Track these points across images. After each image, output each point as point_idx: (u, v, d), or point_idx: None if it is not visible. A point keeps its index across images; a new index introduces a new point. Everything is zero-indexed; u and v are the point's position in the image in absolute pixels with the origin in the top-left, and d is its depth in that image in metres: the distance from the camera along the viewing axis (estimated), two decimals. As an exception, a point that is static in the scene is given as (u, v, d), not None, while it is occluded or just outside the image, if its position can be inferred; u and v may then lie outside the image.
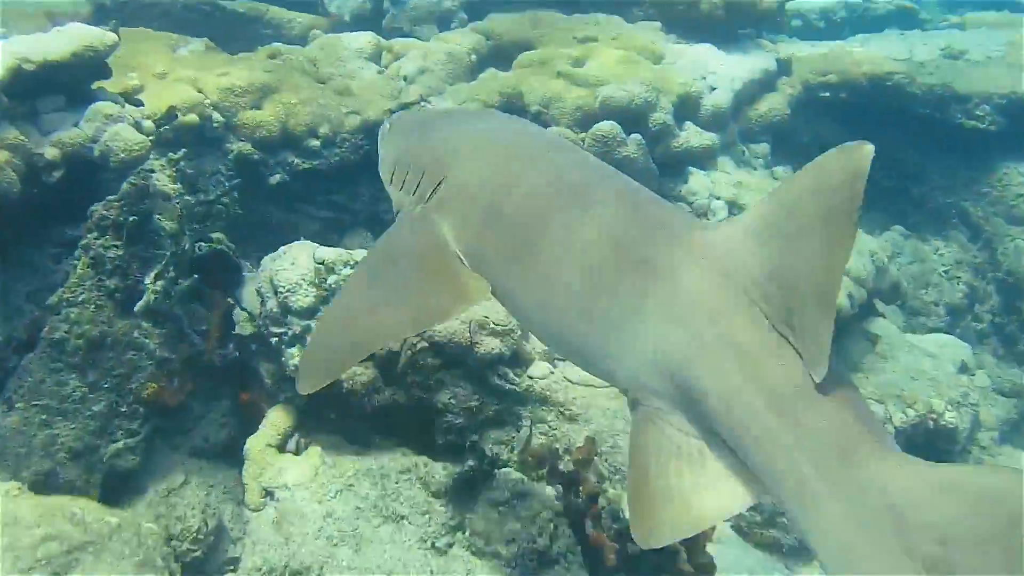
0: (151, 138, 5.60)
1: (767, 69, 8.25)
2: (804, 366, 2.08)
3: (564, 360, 5.04)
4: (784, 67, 8.57)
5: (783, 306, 2.11)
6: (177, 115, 5.76)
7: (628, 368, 2.45)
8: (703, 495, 2.28)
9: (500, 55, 7.75)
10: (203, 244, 4.73)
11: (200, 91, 6.34)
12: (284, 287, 4.60)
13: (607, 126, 6.75)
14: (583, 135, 6.88)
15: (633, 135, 6.85)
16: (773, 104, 8.15)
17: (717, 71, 7.85)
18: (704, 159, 7.38)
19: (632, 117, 6.93)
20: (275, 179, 6.35)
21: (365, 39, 7.51)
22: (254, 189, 6.33)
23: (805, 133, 8.51)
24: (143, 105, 5.60)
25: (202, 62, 6.72)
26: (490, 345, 4.64)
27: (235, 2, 8.73)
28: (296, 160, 6.40)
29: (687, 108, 7.40)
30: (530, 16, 8.21)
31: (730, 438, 2.22)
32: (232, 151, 6.27)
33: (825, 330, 2.04)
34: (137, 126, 5.17)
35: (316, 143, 6.41)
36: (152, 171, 5.57)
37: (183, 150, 5.96)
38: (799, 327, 2.09)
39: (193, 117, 6.10)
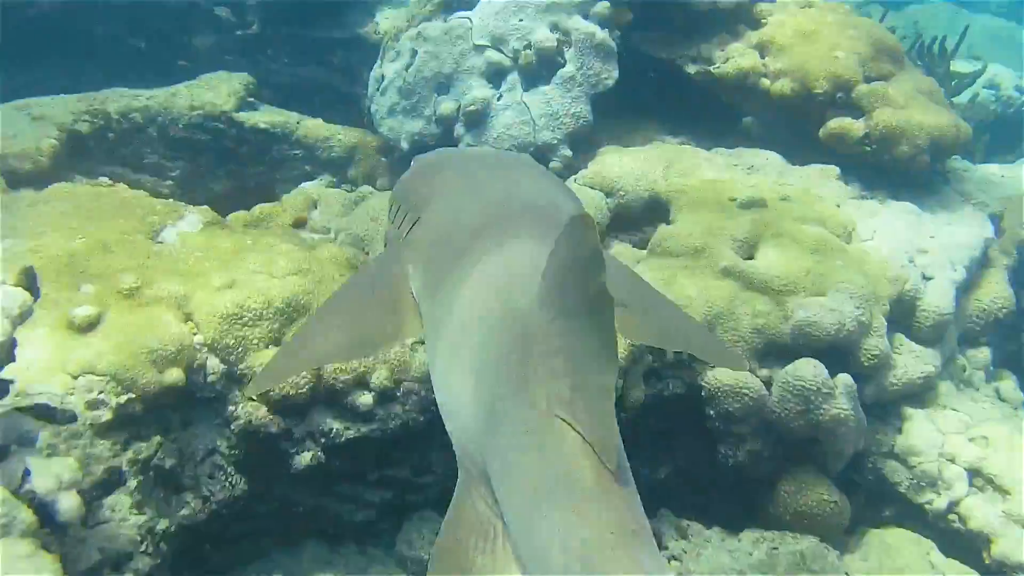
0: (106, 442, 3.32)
1: (986, 237, 5.93)
2: (582, 455, 1.71)
3: None
4: (996, 224, 6.27)
5: (568, 387, 1.76)
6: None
7: (454, 423, 2.19)
8: None
9: (626, 219, 5.44)
10: None
11: (189, 318, 4.05)
12: None
13: (809, 372, 4.42)
14: (768, 373, 4.57)
15: (841, 378, 4.54)
16: (995, 290, 5.82)
17: (928, 248, 5.54)
18: (923, 392, 5.08)
19: (838, 349, 4.63)
20: (304, 459, 4.02)
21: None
22: (272, 474, 4.05)
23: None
24: (74, 420, 3.19)
25: (197, 256, 4.38)
26: None
27: (256, 113, 6.41)
28: (337, 427, 4.07)
29: (899, 315, 5.10)
30: (660, 153, 5.86)
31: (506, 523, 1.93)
32: (237, 419, 3.97)
33: (607, 416, 1.71)
34: (49, 522, 2.50)
35: (368, 399, 4.10)
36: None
37: (157, 438, 3.72)
38: (582, 412, 1.74)
39: (177, 374, 3.80)
